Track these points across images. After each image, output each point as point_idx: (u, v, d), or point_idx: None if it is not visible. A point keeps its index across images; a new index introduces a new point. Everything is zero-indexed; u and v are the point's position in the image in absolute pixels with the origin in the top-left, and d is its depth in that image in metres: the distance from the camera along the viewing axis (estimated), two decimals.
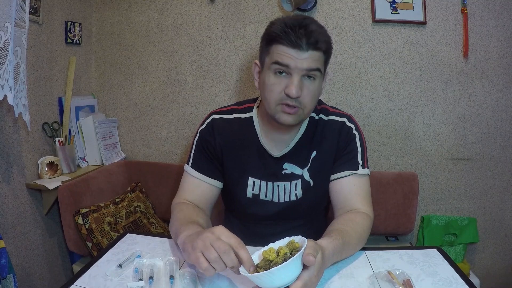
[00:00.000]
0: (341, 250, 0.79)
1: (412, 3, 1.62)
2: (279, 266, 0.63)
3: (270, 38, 0.87)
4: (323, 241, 0.74)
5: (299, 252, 0.64)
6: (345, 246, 0.81)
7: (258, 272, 0.65)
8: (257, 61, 0.96)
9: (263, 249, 0.73)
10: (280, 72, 0.87)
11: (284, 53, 0.84)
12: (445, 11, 1.62)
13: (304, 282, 0.65)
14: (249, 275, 0.65)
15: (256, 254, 0.73)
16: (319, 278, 0.69)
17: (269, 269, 0.64)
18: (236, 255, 0.67)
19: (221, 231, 0.70)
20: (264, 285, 0.66)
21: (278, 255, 0.69)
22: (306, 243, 0.66)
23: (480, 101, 1.67)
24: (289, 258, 0.64)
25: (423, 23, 1.63)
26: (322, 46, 0.86)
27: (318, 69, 0.87)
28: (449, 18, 1.62)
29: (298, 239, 0.71)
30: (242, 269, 0.68)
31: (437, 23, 1.64)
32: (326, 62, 0.91)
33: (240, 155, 1.03)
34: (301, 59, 0.84)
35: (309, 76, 0.87)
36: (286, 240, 0.73)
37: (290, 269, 0.65)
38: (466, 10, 1.60)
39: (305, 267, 0.66)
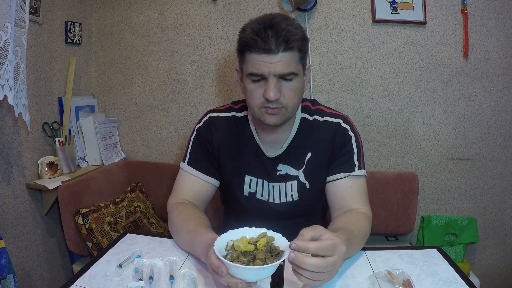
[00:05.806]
0: (348, 245, 0.78)
1: (412, 3, 1.61)
2: (275, 263, 0.64)
3: (241, 46, 0.88)
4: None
5: (287, 253, 0.65)
6: (350, 245, 0.80)
7: (233, 262, 0.64)
8: (237, 68, 0.96)
9: (228, 235, 0.73)
10: (258, 80, 0.87)
11: (256, 61, 0.84)
12: (445, 11, 1.62)
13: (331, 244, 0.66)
14: (230, 264, 0.64)
15: (224, 237, 0.72)
16: (340, 265, 0.69)
17: (250, 261, 0.65)
18: None
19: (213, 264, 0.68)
20: (243, 277, 0.65)
21: (256, 248, 0.68)
22: (288, 247, 0.66)
23: (480, 101, 1.67)
24: (272, 253, 0.67)
25: (423, 23, 1.63)
26: (294, 45, 0.84)
27: (292, 73, 0.85)
28: (449, 18, 1.62)
29: (270, 233, 0.72)
30: (216, 251, 0.67)
31: (437, 23, 1.63)
32: (302, 58, 0.89)
33: (237, 152, 1.03)
34: (273, 63, 0.83)
35: (285, 79, 0.86)
36: (254, 230, 0.74)
37: (272, 269, 0.66)
38: (466, 10, 1.60)
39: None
